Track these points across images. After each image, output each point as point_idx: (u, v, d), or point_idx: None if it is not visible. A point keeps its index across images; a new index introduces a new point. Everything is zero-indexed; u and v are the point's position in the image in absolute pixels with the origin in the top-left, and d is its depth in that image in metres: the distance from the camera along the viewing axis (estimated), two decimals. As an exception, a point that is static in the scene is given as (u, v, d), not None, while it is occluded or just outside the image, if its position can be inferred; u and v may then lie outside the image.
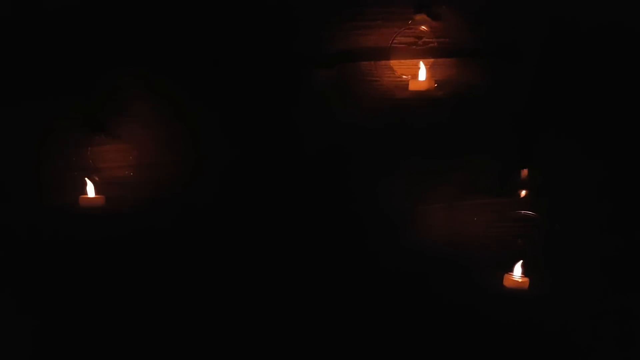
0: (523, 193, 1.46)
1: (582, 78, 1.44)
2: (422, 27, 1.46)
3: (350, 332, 1.48)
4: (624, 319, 1.45)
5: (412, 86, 1.45)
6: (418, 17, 1.45)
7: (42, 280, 1.44)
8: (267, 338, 1.47)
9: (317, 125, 1.48)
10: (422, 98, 1.46)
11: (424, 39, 1.46)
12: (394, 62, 1.47)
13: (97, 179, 1.44)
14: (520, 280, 1.41)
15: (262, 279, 1.47)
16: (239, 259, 1.47)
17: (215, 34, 1.44)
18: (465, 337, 1.47)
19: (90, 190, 1.43)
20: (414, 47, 1.47)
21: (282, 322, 1.48)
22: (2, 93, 1.41)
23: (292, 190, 1.49)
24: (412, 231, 1.48)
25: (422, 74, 1.46)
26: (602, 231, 1.46)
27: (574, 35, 1.43)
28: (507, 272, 1.42)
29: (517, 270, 1.42)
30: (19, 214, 1.43)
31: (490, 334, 1.45)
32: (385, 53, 1.46)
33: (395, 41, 1.46)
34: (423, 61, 1.46)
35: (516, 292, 1.41)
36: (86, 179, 1.44)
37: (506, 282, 1.41)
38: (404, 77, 1.47)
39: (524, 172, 1.47)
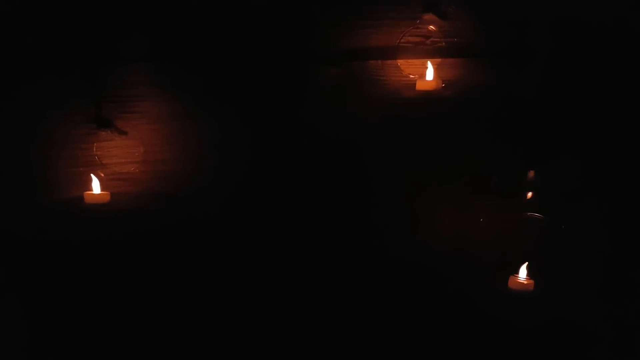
0: (530, 194, 1.46)
1: (590, 78, 1.44)
2: (430, 26, 1.45)
3: (354, 324, 1.48)
4: (625, 319, 1.45)
5: (420, 86, 1.45)
6: (426, 16, 1.44)
7: (47, 278, 1.43)
8: (282, 327, 1.48)
9: (323, 123, 1.48)
10: (429, 98, 1.46)
11: (432, 39, 1.46)
12: (401, 62, 1.47)
13: (102, 175, 1.44)
14: (525, 282, 1.40)
15: (275, 274, 1.48)
16: (249, 254, 1.48)
17: (220, 31, 1.44)
18: (469, 336, 1.47)
19: (96, 187, 1.43)
20: (422, 46, 1.46)
21: (294, 314, 1.48)
22: (6, 87, 1.40)
23: (299, 186, 1.48)
24: (416, 231, 1.48)
25: (430, 73, 1.45)
26: (606, 232, 1.46)
27: (580, 36, 1.43)
28: (512, 274, 1.42)
29: (523, 272, 1.42)
30: (23, 210, 1.42)
31: (494, 333, 1.45)
32: (393, 52, 1.46)
33: (403, 40, 1.45)
34: (431, 61, 1.45)
35: (521, 294, 1.41)
36: (92, 175, 1.44)
37: (511, 284, 1.41)
38: (412, 76, 1.47)
39: (531, 173, 1.46)
